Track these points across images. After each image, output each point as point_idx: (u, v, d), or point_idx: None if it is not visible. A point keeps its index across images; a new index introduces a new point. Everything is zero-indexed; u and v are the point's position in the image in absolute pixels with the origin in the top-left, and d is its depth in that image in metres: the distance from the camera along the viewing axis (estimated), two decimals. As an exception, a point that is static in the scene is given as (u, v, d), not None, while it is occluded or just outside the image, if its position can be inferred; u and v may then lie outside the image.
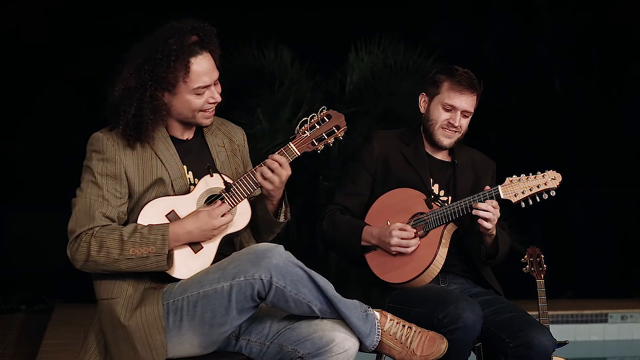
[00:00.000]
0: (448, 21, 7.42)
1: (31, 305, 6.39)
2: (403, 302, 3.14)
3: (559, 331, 4.19)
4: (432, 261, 3.18)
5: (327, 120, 2.89)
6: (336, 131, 2.90)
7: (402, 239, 3.18)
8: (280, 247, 2.69)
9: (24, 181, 6.76)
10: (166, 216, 2.78)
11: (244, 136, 3.10)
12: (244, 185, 2.82)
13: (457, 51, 6.52)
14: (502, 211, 3.26)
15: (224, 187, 2.82)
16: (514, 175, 3.24)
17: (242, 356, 2.80)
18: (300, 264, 2.69)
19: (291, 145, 2.86)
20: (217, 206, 2.78)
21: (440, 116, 3.35)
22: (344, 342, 2.68)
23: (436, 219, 3.23)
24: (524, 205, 3.24)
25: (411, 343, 2.78)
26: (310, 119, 2.88)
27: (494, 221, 3.21)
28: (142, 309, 2.69)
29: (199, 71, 2.80)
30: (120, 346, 2.70)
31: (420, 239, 3.23)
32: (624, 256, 7.58)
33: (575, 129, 7.52)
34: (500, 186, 3.23)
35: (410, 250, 3.20)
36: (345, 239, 3.30)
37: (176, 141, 2.90)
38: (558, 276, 4.80)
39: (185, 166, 2.88)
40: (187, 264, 2.77)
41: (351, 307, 2.73)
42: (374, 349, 2.77)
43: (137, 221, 2.76)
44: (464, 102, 3.34)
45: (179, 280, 2.76)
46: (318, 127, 2.88)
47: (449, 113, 3.35)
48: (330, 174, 6.28)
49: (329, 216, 3.35)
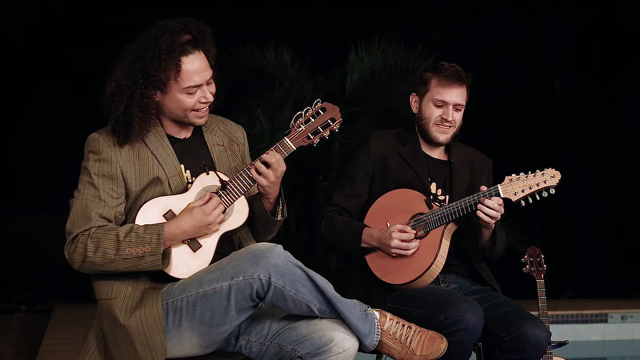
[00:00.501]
0: (448, 21, 7.43)
1: (31, 305, 6.39)
2: (404, 303, 3.13)
3: (559, 331, 4.19)
4: (433, 262, 3.18)
5: (322, 113, 2.87)
6: (331, 124, 2.87)
7: (402, 240, 3.18)
8: (279, 247, 2.69)
9: (24, 181, 6.76)
10: (164, 216, 2.78)
11: (245, 135, 3.09)
12: (240, 183, 2.81)
13: (457, 51, 6.52)
14: (504, 212, 3.25)
15: (220, 185, 2.81)
16: (513, 174, 3.22)
17: (242, 356, 2.80)
18: (299, 263, 2.69)
19: (286, 140, 2.85)
20: (209, 200, 2.77)
21: (432, 113, 3.36)
22: (344, 341, 2.68)
23: (436, 219, 3.23)
24: (523, 203, 3.22)
25: (411, 342, 2.78)
26: (305, 113, 2.86)
27: (497, 218, 3.21)
28: (141, 309, 2.69)
29: (190, 70, 2.79)
30: (120, 346, 2.70)
31: (421, 239, 3.22)
32: (624, 256, 7.59)
33: (575, 128, 7.52)
34: (499, 185, 3.22)
35: (411, 252, 3.19)
36: (345, 240, 3.29)
37: (173, 140, 2.89)
38: (558, 276, 4.79)
39: (182, 165, 2.87)
40: (186, 263, 2.77)
41: (350, 307, 2.73)
42: (373, 348, 2.77)
43: (134, 221, 2.76)
44: (454, 95, 3.34)
45: (178, 280, 2.76)
46: (313, 120, 2.86)
47: (441, 109, 3.35)
48: (330, 174, 6.28)
49: (327, 218, 3.35)
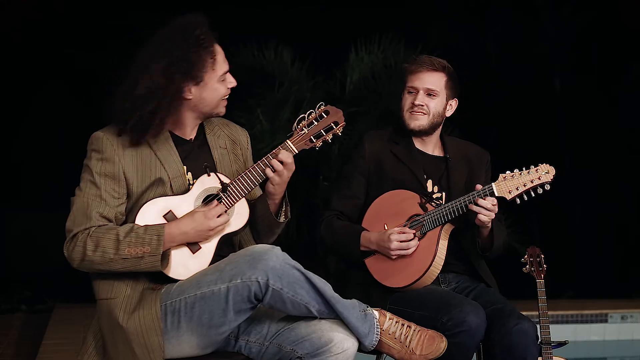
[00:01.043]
0: (448, 21, 7.43)
1: (31, 305, 6.39)
2: (404, 305, 3.13)
3: (559, 331, 4.19)
4: (432, 263, 3.18)
5: (325, 116, 2.85)
6: (334, 127, 2.86)
7: (401, 241, 3.18)
8: (277, 249, 2.68)
9: (24, 181, 6.76)
10: (164, 216, 2.77)
11: (248, 138, 3.09)
12: (242, 185, 2.80)
13: (457, 51, 6.53)
14: (501, 210, 3.25)
15: (220, 187, 2.80)
16: (507, 172, 3.20)
17: (242, 356, 2.79)
18: (297, 265, 2.68)
19: (289, 142, 2.84)
20: (213, 207, 2.77)
21: (406, 101, 3.37)
22: (343, 342, 2.68)
23: (433, 220, 3.22)
24: (519, 201, 3.20)
25: (410, 342, 2.78)
26: (308, 116, 2.84)
27: (491, 217, 3.20)
28: (140, 310, 2.69)
29: (220, 58, 2.83)
30: (118, 347, 2.70)
31: (418, 240, 3.22)
32: (624, 256, 7.59)
33: (575, 128, 7.53)
34: (494, 184, 3.20)
35: (411, 251, 3.19)
36: (344, 245, 3.29)
37: (178, 141, 2.89)
38: (558, 276, 4.79)
39: (185, 166, 2.87)
40: (185, 265, 2.76)
41: (349, 307, 2.73)
42: (373, 348, 2.77)
43: (135, 221, 2.75)
44: (424, 81, 3.34)
45: (177, 281, 2.76)
46: (316, 123, 2.85)
47: (412, 95, 3.36)
48: (330, 174, 6.28)
49: (326, 223, 3.34)
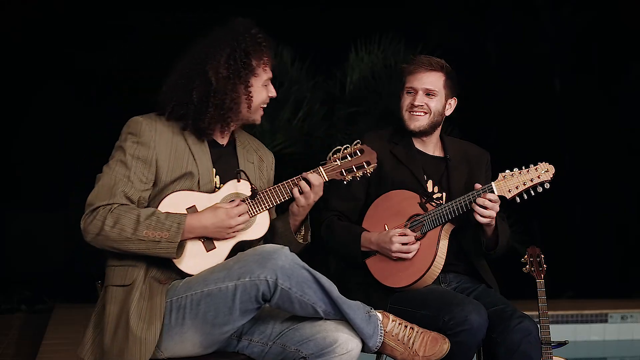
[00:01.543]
0: (448, 21, 7.43)
1: (31, 305, 6.39)
2: (406, 304, 3.13)
3: (559, 331, 4.19)
4: (432, 263, 3.18)
5: (359, 154, 2.93)
6: (365, 166, 2.94)
7: (402, 244, 3.18)
8: (286, 249, 2.70)
9: (24, 181, 6.76)
10: (187, 209, 2.79)
11: (274, 161, 3.13)
12: (269, 197, 2.85)
13: (457, 51, 6.52)
14: (502, 209, 3.25)
15: (249, 193, 2.84)
16: (506, 170, 3.21)
17: (242, 356, 2.80)
18: (305, 265, 2.70)
19: (321, 169, 2.91)
20: (236, 206, 2.79)
21: (405, 101, 3.38)
22: (348, 342, 2.69)
23: (433, 220, 3.22)
24: (518, 200, 3.20)
25: (413, 344, 2.78)
26: (344, 150, 2.93)
27: (493, 215, 3.20)
28: (147, 301, 2.70)
29: (269, 65, 2.90)
30: (118, 334, 2.69)
31: (419, 240, 3.22)
32: (624, 256, 7.59)
33: (575, 128, 7.53)
34: (493, 183, 3.20)
35: (412, 255, 3.19)
36: (345, 246, 3.29)
37: (212, 144, 2.92)
38: (558, 276, 4.79)
39: (214, 169, 2.89)
40: (197, 261, 2.78)
41: (355, 309, 2.74)
42: (377, 349, 2.78)
43: (157, 208, 2.77)
44: (423, 81, 3.35)
45: (185, 275, 2.77)
46: (349, 158, 2.92)
47: (411, 95, 3.36)
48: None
49: (326, 223, 3.34)
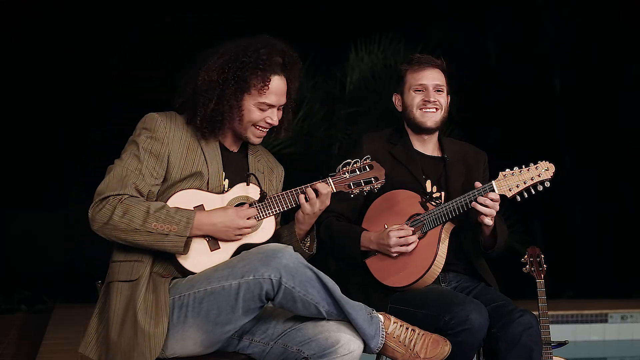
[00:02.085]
0: (448, 21, 7.43)
1: (31, 305, 6.39)
2: (406, 304, 3.13)
3: (559, 331, 4.19)
4: (433, 262, 3.18)
5: (368, 169, 2.96)
6: (373, 182, 2.96)
7: (400, 237, 3.18)
8: (290, 248, 2.71)
9: (24, 181, 6.76)
10: (195, 207, 2.81)
11: (283, 174, 3.15)
12: (277, 203, 2.87)
13: (457, 51, 6.53)
14: (502, 208, 3.25)
15: (258, 197, 2.86)
16: (507, 169, 3.21)
17: (242, 356, 2.80)
18: (309, 265, 2.71)
19: (330, 180, 2.93)
20: (246, 208, 2.82)
21: (414, 99, 3.38)
22: (350, 343, 2.69)
23: (433, 219, 3.22)
24: (519, 198, 3.20)
25: (414, 345, 2.78)
26: (353, 163, 2.96)
27: (493, 215, 3.20)
28: (152, 295, 2.71)
29: (272, 89, 2.88)
30: (125, 330, 2.70)
31: (419, 240, 3.22)
32: (624, 256, 7.59)
33: (575, 128, 7.53)
34: (494, 181, 3.20)
35: (411, 248, 3.18)
36: (344, 246, 3.29)
37: (223, 149, 2.95)
38: (558, 276, 4.80)
39: (224, 172, 2.91)
40: (200, 259, 2.79)
41: (357, 309, 2.74)
42: (378, 350, 2.79)
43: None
44: (431, 77, 3.37)
45: (186, 273, 2.78)
46: (358, 173, 2.95)
47: (422, 93, 3.38)
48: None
49: (325, 224, 3.34)
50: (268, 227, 2.89)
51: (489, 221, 3.20)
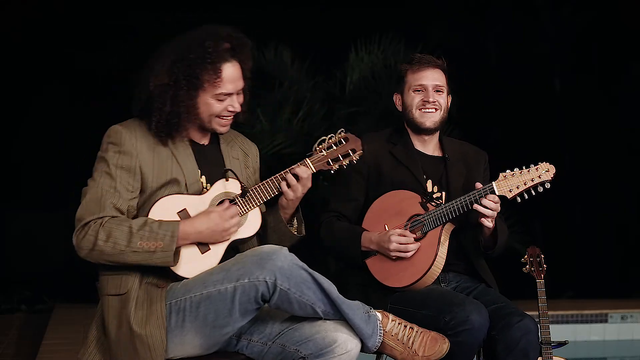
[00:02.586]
0: (448, 21, 7.42)
1: (31, 305, 6.39)
2: (406, 304, 3.13)
3: (559, 331, 4.19)
4: (433, 263, 3.18)
5: (344, 142, 2.92)
6: (351, 154, 2.93)
7: (401, 244, 3.18)
8: (285, 249, 2.70)
9: (24, 181, 6.76)
10: (177, 213, 2.78)
11: (258, 152, 3.12)
12: (258, 194, 2.85)
13: (457, 51, 6.52)
14: (502, 209, 3.25)
15: (239, 192, 2.84)
16: (507, 170, 3.21)
17: (242, 356, 2.80)
18: (304, 266, 2.70)
19: (308, 161, 2.90)
20: (229, 208, 2.79)
21: (414, 99, 3.39)
22: (347, 343, 2.69)
23: (433, 220, 3.22)
24: (519, 200, 3.21)
25: (413, 343, 2.78)
26: (329, 139, 2.92)
27: (494, 216, 3.20)
28: (145, 307, 2.69)
29: (226, 78, 2.84)
30: (122, 343, 2.70)
31: (419, 241, 3.22)
32: (624, 256, 7.58)
33: (575, 128, 7.52)
34: (494, 182, 3.21)
35: (410, 255, 3.19)
36: (345, 246, 3.29)
37: (193, 144, 2.91)
38: (558, 276, 4.79)
39: (199, 170, 2.88)
40: (193, 264, 2.77)
41: (354, 309, 2.74)
42: (376, 350, 2.79)
43: (148, 215, 2.76)
44: (430, 77, 3.37)
45: (182, 279, 2.76)
46: (335, 147, 2.92)
47: (421, 93, 3.38)
48: (330, 174, 6.28)
49: (325, 224, 3.35)
50: (254, 219, 2.86)
51: (489, 223, 3.20)
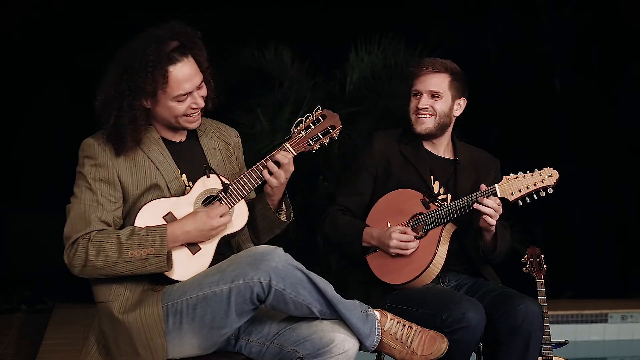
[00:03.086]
0: (448, 21, 7.42)
1: (31, 305, 6.39)
2: (404, 303, 3.14)
3: (559, 331, 4.19)
4: (431, 261, 3.19)
5: (322, 120, 2.89)
6: (331, 131, 2.90)
7: (401, 241, 3.19)
8: (280, 250, 2.69)
9: (24, 181, 6.76)
10: (163, 218, 2.78)
11: (239, 138, 3.10)
12: (242, 186, 2.82)
13: (457, 51, 6.51)
14: (504, 214, 3.25)
15: (221, 187, 2.81)
16: (511, 174, 3.23)
17: (242, 356, 2.80)
18: (299, 266, 2.69)
19: (287, 145, 2.87)
20: (216, 207, 2.78)
21: (411, 104, 3.40)
22: (344, 342, 2.69)
23: (435, 219, 3.23)
24: (521, 203, 3.22)
25: (411, 342, 2.78)
26: (306, 119, 2.89)
27: (496, 217, 3.20)
28: (141, 310, 2.69)
29: (179, 78, 2.78)
30: (121, 346, 2.70)
31: (420, 239, 3.23)
32: (624, 256, 7.58)
33: (575, 128, 7.52)
34: (497, 185, 3.22)
35: (409, 252, 3.20)
36: (347, 240, 3.30)
37: (168, 143, 2.89)
38: (558, 276, 4.79)
39: (178, 169, 2.87)
40: (186, 266, 2.77)
41: (351, 308, 2.74)
42: (374, 349, 2.78)
43: (134, 224, 2.75)
44: (427, 83, 3.36)
45: (177, 282, 2.76)
46: (313, 127, 2.89)
47: (417, 98, 3.38)
48: (330, 174, 6.28)
49: (330, 217, 3.36)
50: (241, 212, 2.85)
51: (491, 220, 3.19)
